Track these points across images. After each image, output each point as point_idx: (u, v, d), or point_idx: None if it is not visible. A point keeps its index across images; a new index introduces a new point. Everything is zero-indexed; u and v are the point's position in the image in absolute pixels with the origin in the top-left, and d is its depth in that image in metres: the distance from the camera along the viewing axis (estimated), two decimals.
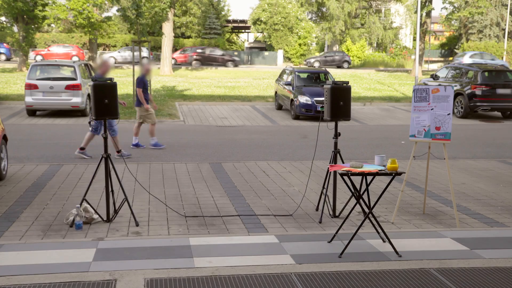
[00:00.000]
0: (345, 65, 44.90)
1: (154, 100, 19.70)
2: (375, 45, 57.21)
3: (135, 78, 11.82)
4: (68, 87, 15.73)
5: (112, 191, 6.43)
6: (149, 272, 4.71)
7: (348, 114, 6.61)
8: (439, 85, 8.44)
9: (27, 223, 6.28)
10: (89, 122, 6.31)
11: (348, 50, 51.07)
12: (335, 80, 7.86)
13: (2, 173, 8.33)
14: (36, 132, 13.46)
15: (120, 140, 9.92)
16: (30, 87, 15.67)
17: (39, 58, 38.65)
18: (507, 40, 41.39)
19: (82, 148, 10.23)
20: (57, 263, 4.88)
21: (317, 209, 7.03)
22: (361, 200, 5.57)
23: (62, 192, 7.72)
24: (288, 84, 17.98)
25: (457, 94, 18.03)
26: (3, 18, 31.88)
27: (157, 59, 42.60)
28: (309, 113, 16.58)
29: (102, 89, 6.10)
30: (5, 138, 8.74)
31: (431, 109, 6.50)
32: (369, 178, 6.64)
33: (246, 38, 66.45)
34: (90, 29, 33.35)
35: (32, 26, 30.20)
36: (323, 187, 6.76)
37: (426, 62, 49.48)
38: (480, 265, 5.05)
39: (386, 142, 12.95)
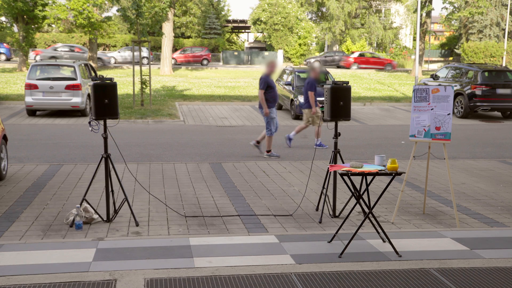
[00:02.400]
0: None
1: (153, 100, 19.70)
2: (375, 45, 57.19)
3: (306, 82, 11.76)
4: (68, 87, 15.73)
5: (112, 191, 6.43)
6: (149, 272, 4.71)
7: (348, 114, 6.61)
8: (439, 85, 8.44)
9: (27, 223, 6.28)
10: (89, 122, 6.30)
11: (348, 50, 51.05)
12: (335, 80, 7.85)
13: (2, 173, 8.33)
14: (36, 132, 13.46)
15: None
16: (30, 87, 15.67)
17: (39, 58, 38.64)
18: (507, 40, 41.38)
19: (268, 151, 10.71)
20: (57, 263, 4.88)
21: (317, 209, 7.04)
22: (361, 200, 5.57)
23: (62, 192, 7.72)
24: (288, 84, 17.97)
25: (457, 94, 18.03)
26: (3, 18, 31.88)
27: (157, 59, 42.65)
28: None
29: (102, 89, 6.10)
30: (5, 138, 8.74)
31: (431, 109, 6.50)
32: (369, 178, 6.65)
33: (246, 38, 66.47)
34: (90, 29, 33.34)
35: (32, 26, 30.21)
36: (323, 187, 6.76)
37: (426, 62, 49.48)
38: (480, 265, 5.05)
39: (386, 142, 12.95)
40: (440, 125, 6.47)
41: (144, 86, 18.38)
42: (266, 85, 10.35)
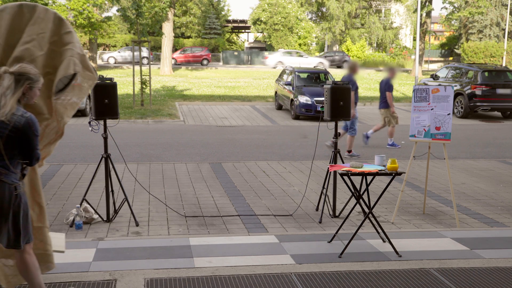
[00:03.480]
0: (345, 65, 44.87)
1: (153, 100, 19.71)
2: (375, 45, 57.21)
3: (383, 82, 12.06)
4: None
5: (112, 191, 6.43)
6: (149, 272, 4.72)
7: (348, 114, 6.61)
8: (439, 85, 8.44)
9: None
10: (89, 122, 6.29)
11: (348, 50, 51.07)
12: (335, 80, 7.85)
13: None
14: None
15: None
16: None
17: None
18: (507, 40, 41.39)
19: (349, 151, 10.94)
20: (57, 263, 4.87)
21: (317, 209, 7.04)
22: (361, 200, 5.57)
23: (62, 192, 7.72)
24: (288, 84, 17.98)
25: (457, 94, 18.03)
26: None
27: (157, 59, 42.66)
28: (309, 113, 16.58)
29: (102, 89, 6.10)
30: None
31: (431, 109, 6.51)
32: (369, 178, 6.65)
33: (246, 38, 66.48)
34: (90, 29, 33.36)
35: None
36: (323, 187, 6.76)
37: (426, 62, 49.49)
38: (480, 265, 5.06)
39: (386, 142, 12.95)
40: (440, 125, 6.47)
41: (144, 86, 18.39)
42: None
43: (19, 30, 4.06)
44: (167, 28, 31.18)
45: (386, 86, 11.75)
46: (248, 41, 63.55)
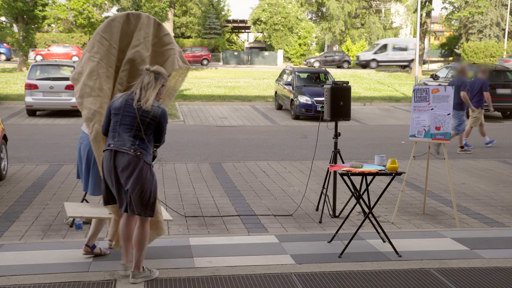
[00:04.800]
0: (345, 65, 44.89)
1: None
2: None
3: (479, 83, 11.79)
4: (68, 87, 15.73)
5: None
6: None
7: (348, 114, 6.61)
8: (439, 85, 8.44)
9: (27, 223, 6.28)
10: None
11: (348, 50, 51.06)
12: (335, 80, 7.85)
13: (2, 173, 8.33)
14: (36, 132, 13.46)
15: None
16: (30, 87, 15.68)
17: (39, 58, 38.67)
18: (507, 40, 41.39)
19: (461, 147, 11.47)
20: (57, 263, 4.88)
21: (317, 209, 7.03)
22: (361, 200, 5.57)
23: (62, 192, 7.72)
24: (288, 84, 17.98)
25: None
26: (3, 18, 31.91)
27: None
28: (309, 113, 16.58)
29: None
30: (5, 138, 8.74)
31: (431, 109, 6.51)
32: (369, 178, 6.64)
33: (246, 38, 66.47)
34: (90, 29, 33.36)
35: (32, 26, 30.22)
36: (323, 187, 6.76)
37: (426, 62, 49.45)
38: (480, 265, 5.05)
39: (386, 142, 12.96)
40: (440, 125, 6.47)
41: None
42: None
43: (128, 36, 4.70)
44: (167, 28, 31.19)
45: (484, 86, 11.67)
46: (248, 41, 63.53)
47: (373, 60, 42.72)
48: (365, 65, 42.09)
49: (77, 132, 13.52)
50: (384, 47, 43.46)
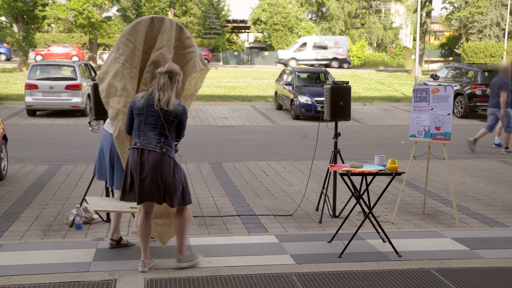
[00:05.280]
0: (345, 65, 44.90)
1: None
2: (375, 45, 57.20)
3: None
4: (68, 87, 15.74)
5: (112, 191, 6.42)
6: (149, 272, 4.71)
7: (348, 114, 6.61)
8: (439, 85, 8.44)
9: (27, 223, 6.28)
10: (89, 122, 6.29)
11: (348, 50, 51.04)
12: (335, 80, 7.85)
13: (2, 173, 8.34)
14: (36, 132, 13.46)
15: None
16: (30, 87, 15.67)
17: (39, 58, 38.67)
18: (507, 40, 41.39)
19: (506, 147, 11.59)
20: (57, 263, 4.88)
21: (317, 209, 7.04)
22: (361, 200, 5.57)
23: (62, 192, 7.72)
24: (288, 84, 17.98)
25: (457, 94, 18.03)
26: (3, 18, 31.91)
27: None
28: (309, 113, 16.58)
29: None
30: (5, 138, 8.74)
31: (431, 109, 6.51)
32: (369, 178, 6.64)
33: (246, 38, 66.45)
34: (90, 29, 33.35)
35: (32, 26, 30.22)
36: (323, 187, 6.76)
37: (426, 62, 49.48)
38: (480, 265, 5.05)
39: (386, 142, 12.96)
40: (440, 125, 6.47)
41: None
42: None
43: (151, 38, 4.94)
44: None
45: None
46: (248, 41, 63.52)
47: (292, 58, 42.10)
48: (284, 63, 41.18)
49: (77, 132, 13.54)
50: (304, 46, 43.11)
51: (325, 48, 42.74)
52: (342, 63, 43.07)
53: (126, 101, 4.83)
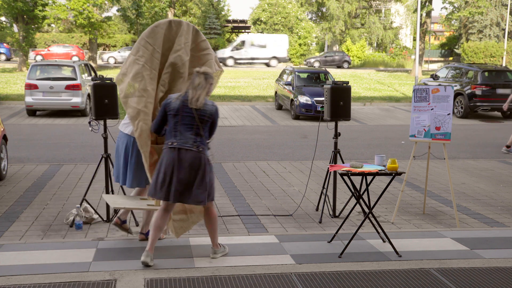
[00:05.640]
0: (345, 65, 44.90)
1: None
2: (375, 45, 57.18)
3: None
4: (68, 87, 15.73)
5: (112, 191, 6.43)
6: (149, 272, 4.71)
7: (348, 114, 6.61)
8: (439, 85, 8.44)
9: (27, 223, 6.28)
10: (89, 122, 6.30)
11: (348, 50, 51.06)
12: (335, 80, 7.85)
13: (2, 173, 8.34)
14: (36, 132, 13.46)
15: None
16: (30, 87, 15.67)
17: (39, 58, 38.67)
18: (507, 40, 41.39)
19: (508, 147, 11.58)
20: (57, 263, 4.88)
21: (317, 209, 7.04)
22: (361, 200, 5.57)
23: (62, 192, 7.72)
24: (288, 84, 17.98)
25: (457, 94, 18.03)
26: (3, 18, 31.90)
27: None
28: (309, 113, 16.58)
29: (102, 89, 6.10)
30: (5, 138, 8.74)
31: (431, 109, 6.51)
32: (369, 178, 6.64)
33: None
34: (90, 29, 33.35)
35: (32, 26, 30.21)
36: (323, 187, 6.77)
37: (426, 62, 49.49)
38: (480, 265, 5.05)
39: (386, 142, 12.96)
40: (440, 125, 6.47)
41: None
42: None
43: (169, 41, 5.13)
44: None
45: None
46: None
47: (230, 57, 41.87)
48: (222, 62, 41.31)
49: (77, 132, 13.52)
50: (242, 44, 42.86)
51: (264, 47, 42.47)
52: (282, 61, 42.97)
53: (147, 102, 4.99)
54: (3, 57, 42.86)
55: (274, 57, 42.60)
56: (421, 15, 35.91)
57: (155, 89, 5.11)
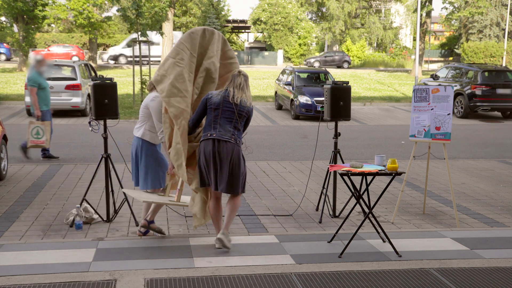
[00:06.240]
0: (345, 65, 44.90)
1: None
2: (375, 45, 57.18)
3: None
4: (68, 87, 15.73)
5: (112, 191, 6.43)
6: (149, 272, 4.72)
7: (348, 114, 6.61)
8: (439, 85, 8.44)
9: (27, 223, 6.28)
10: (89, 122, 6.30)
11: (348, 50, 51.06)
12: (335, 80, 7.85)
13: (2, 173, 8.34)
14: None
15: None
16: None
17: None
18: (507, 40, 41.38)
19: None
20: (57, 263, 4.88)
21: (317, 209, 7.04)
22: (361, 200, 5.57)
23: (62, 192, 7.72)
24: (288, 84, 17.98)
25: (457, 94, 18.03)
26: (3, 18, 31.88)
27: None
28: (309, 113, 16.58)
29: (102, 89, 6.10)
30: (5, 138, 8.74)
31: (431, 109, 6.51)
32: (369, 178, 6.64)
33: (246, 38, 66.43)
34: (90, 29, 33.34)
35: (32, 26, 30.20)
36: (323, 187, 6.77)
37: (426, 62, 49.48)
38: (480, 265, 5.06)
39: (386, 142, 12.96)
40: (440, 125, 6.47)
41: (144, 86, 18.37)
42: None
43: (201, 47, 5.49)
44: (167, 28, 31.18)
45: None
46: (248, 41, 63.50)
47: (122, 55, 41.12)
48: (115, 59, 40.60)
49: (77, 132, 13.52)
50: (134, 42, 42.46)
51: (158, 44, 42.12)
52: None
53: (188, 102, 5.31)
54: (3, 57, 42.84)
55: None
56: (421, 15, 35.91)
57: (192, 91, 5.45)
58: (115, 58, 40.94)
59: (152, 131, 5.56)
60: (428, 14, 38.67)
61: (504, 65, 35.65)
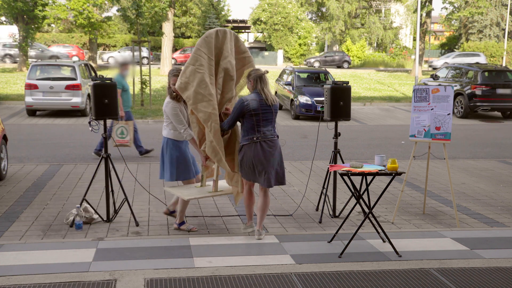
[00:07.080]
0: (345, 65, 44.88)
1: (153, 100, 19.70)
2: (375, 45, 57.16)
3: None
4: (68, 87, 15.73)
5: (112, 191, 6.43)
6: (149, 272, 4.72)
7: (348, 114, 6.60)
8: (439, 85, 8.44)
9: (27, 223, 6.28)
10: (89, 122, 6.30)
11: (348, 50, 51.04)
12: (335, 80, 7.85)
13: (2, 173, 8.33)
14: (36, 132, 13.46)
15: None
16: (30, 87, 15.67)
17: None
18: (507, 40, 41.39)
19: None
20: (57, 263, 4.88)
21: (317, 209, 7.03)
22: (361, 200, 5.57)
23: (62, 192, 7.72)
24: (288, 84, 17.98)
25: (457, 94, 18.04)
26: (3, 18, 31.89)
27: (157, 59, 42.65)
28: (309, 113, 16.58)
29: (102, 89, 6.10)
30: (5, 138, 8.74)
31: (431, 109, 6.51)
32: (369, 178, 6.64)
33: (246, 38, 66.43)
34: (90, 29, 33.34)
35: (32, 26, 30.19)
36: (323, 187, 6.76)
37: (426, 62, 49.48)
38: (480, 265, 5.06)
39: (386, 142, 12.96)
40: (440, 125, 6.47)
41: (144, 86, 18.37)
42: None
43: (216, 48, 5.70)
44: (167, 28, 31.16)
45: None
46: (248, 41, 63.49)
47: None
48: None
49: (77, 132, 13.52)
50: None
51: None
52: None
53: (214, 104, 5.54)
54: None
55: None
56: (421, 15, 35.91)
57: (216, 92, 5.68)
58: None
59: (175, 130, 5.91)
60: (428, 14, 38.66)
61: (504, 65, 35.66)
